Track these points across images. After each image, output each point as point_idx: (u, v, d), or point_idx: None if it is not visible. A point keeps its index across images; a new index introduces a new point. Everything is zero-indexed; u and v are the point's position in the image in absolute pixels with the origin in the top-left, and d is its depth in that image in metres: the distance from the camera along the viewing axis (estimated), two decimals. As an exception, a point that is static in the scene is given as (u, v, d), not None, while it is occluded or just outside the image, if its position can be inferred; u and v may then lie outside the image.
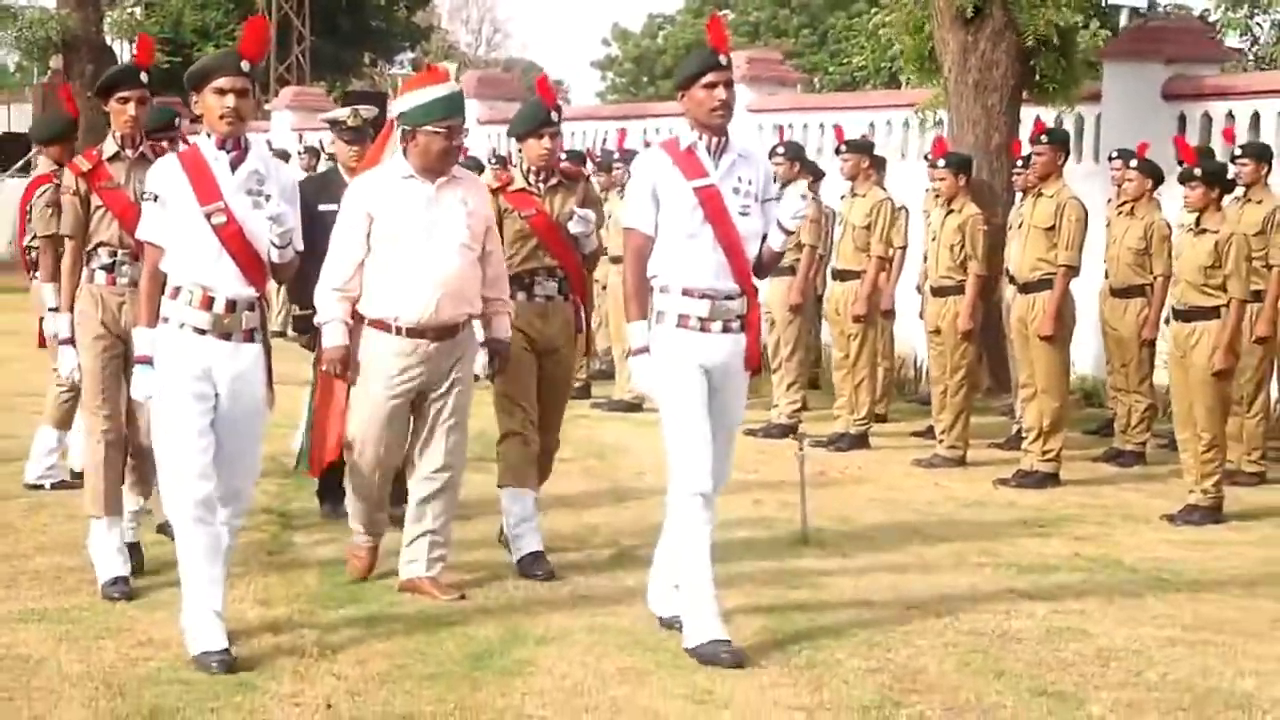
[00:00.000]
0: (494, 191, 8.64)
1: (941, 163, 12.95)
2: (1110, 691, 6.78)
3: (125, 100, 8.16)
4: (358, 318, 7.91)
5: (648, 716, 6.38)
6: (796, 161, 14.03)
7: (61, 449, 10.72)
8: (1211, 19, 41.00)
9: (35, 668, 6.76)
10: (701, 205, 7.17)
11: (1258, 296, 11.89)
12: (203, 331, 6.92)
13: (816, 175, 14.91)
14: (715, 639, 6.98)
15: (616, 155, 15.58)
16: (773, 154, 13.78)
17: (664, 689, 6.68)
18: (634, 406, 14.45)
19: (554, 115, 8.76)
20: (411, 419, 8.04)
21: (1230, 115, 16.68)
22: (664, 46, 58.61)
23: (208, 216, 6.89)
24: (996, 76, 16.01)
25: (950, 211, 12.78)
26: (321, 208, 8.57)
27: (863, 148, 13.89)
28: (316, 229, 7.88)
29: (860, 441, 13.23)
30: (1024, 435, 12.14)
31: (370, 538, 8.35)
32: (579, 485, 10.97)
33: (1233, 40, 40.51)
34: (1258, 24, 40.67)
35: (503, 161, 18.58)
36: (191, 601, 6.86)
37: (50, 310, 10.32)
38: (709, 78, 7.21)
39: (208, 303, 6.92)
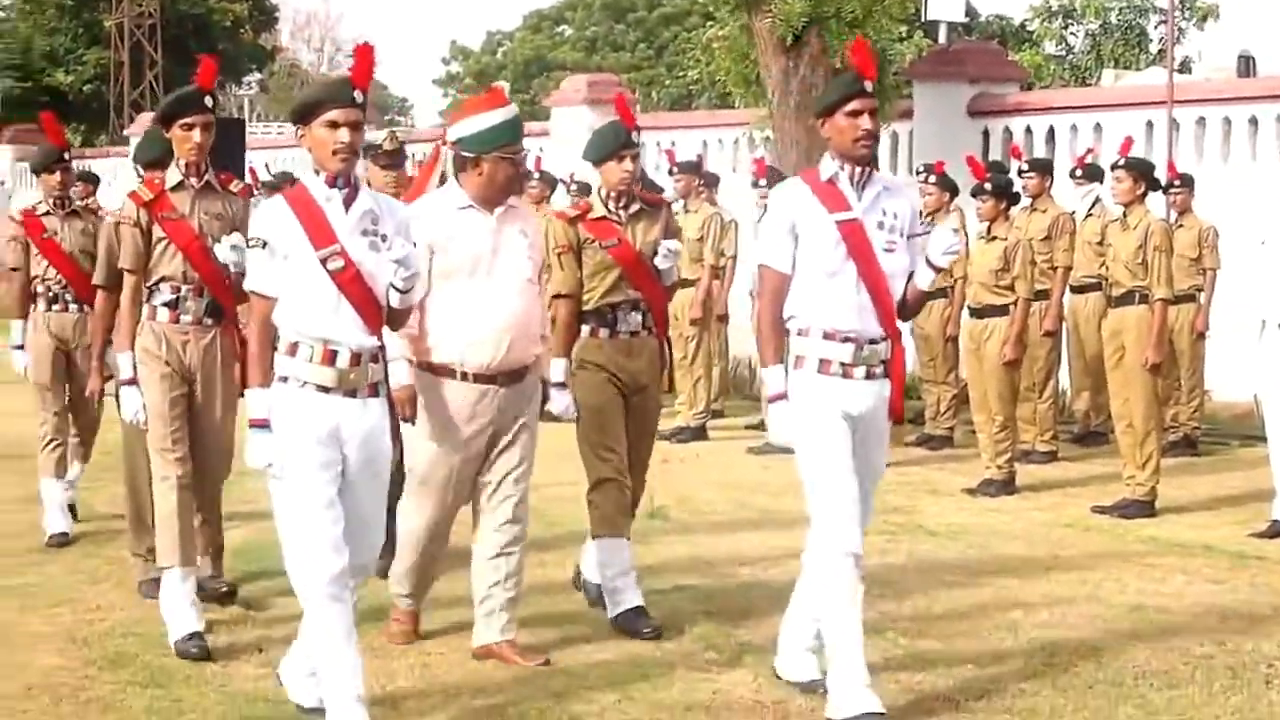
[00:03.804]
0: (571, 220, 8.14)
1: (763, 182, 14.43)
2: (903, 622, 8.20)
3: (190, 126, 7.69)
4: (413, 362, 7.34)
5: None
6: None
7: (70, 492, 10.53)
8: (1030, 29, 43.14)
9: (6, 630, 8.03)
10: (844, 240, 6.63)
11: (1045, 295, 13.49)
12: (327, 389, 6.30)
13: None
14: (869, 711, 6.51)
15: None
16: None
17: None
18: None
19: (634, 136, 8.09)
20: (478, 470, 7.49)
21: (1029, 130, 18.36)
22: (503, 62, 59.87)
23: (323, 262, 6.27)
24: (816, 98, 17.43)
25: (774, 224, 14.22)
26: None
27: (693, 168, 15.38)
28: None
29: (699, 434, 14.66)
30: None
31: (414, 600, 7.73)
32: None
33: (1049, 49, 42.65)
34: (1072, 34, 42.84)
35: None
36: (333, 689, 6.28)
37: (15, 348, 10.43)
38: (853, 105, 6.63)
39: (330, 357, 6.29)
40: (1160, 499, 11.43)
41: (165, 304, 7.76)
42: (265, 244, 6.32)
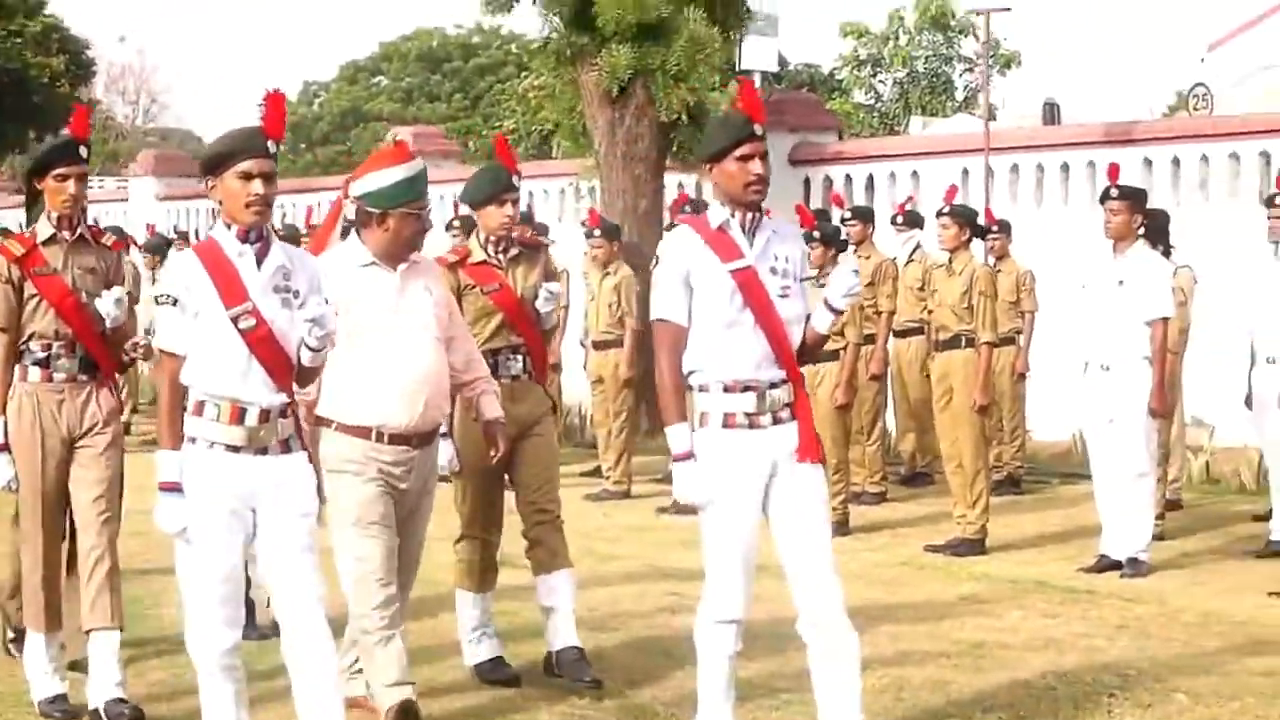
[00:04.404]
0: (451, 266, 7.95)
1: (596, 232, 14.66)
2: (750, 664, 8.38)
3: (64, 178, 7.38)
4: (319, 420, 7.11)
5: None
6: (465, 233, 15.37)
7: None
8: (839, 78, 43.85)
9: None
10: (740, 289, 6.43)
11: (871, 340, 13.81)
12: (236, 449, 6.11)
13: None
14: None
15: (304, 231, 16.12)
16: (449, 227, 15.31)
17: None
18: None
19: (515, 180, 8.04)
20: None
21: (848, 178, 18.78)
22: (320, 113, 59.58)
23: (234, 320, 6.08)
24: (641, 149, 17.73)
25: (607, 274, 14.48)
26: None
27: (527, 219, 15.51)
28: None
29: (535, 481, 14.77)
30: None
31: (410, 686, 7.17)
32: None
33: (858, 97, 43.40)
34: (880, 82, 43.65)
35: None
36: None
37: None
38: (744, 150, 6.44)
39: (239, 415, 6.09)
40: (989, 537, 11.75)
41: (36, 362, 7.43)
42: (176, 301, 6.13)
